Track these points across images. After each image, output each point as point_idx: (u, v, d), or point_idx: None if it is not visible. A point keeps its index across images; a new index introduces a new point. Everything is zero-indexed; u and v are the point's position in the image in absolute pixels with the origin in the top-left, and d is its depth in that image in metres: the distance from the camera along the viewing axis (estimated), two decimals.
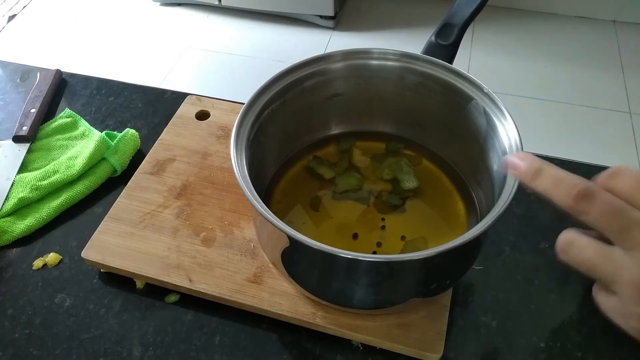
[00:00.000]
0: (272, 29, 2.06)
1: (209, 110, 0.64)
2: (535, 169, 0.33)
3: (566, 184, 0.32)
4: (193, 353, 0.46)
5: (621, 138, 1.64)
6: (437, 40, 0.49)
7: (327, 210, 0.50)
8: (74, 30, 2.11)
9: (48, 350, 0.47)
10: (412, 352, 0.45)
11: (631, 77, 1.82)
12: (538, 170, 0.33)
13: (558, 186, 0.32)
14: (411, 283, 0.42)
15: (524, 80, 1.82)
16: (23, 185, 0.57)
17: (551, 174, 0.33)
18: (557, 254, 0.33)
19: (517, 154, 0.35)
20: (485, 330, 0.47)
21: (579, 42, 1.96)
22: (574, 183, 0.32)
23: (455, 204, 0.50)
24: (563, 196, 0.32)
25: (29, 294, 0.51)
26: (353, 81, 0.51)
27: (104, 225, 0.53)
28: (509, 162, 0.35)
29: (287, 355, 0.46)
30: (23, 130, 0.63)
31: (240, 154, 0.42)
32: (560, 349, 0.46)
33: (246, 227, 0.52)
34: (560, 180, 0.32)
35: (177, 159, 0.59)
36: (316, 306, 0.47)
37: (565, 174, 0.33)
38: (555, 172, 0.33)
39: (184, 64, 1.93)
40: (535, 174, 0.33)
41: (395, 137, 0.55)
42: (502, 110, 0.43)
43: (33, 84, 0.70)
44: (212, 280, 0.48)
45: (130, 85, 0.71)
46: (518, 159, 0.34)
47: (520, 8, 2.09)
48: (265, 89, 0.47)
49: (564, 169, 0.33)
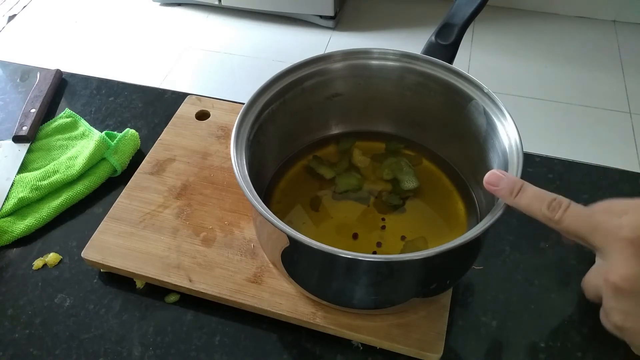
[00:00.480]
0: (272, 29, 2.06)
1: (209, 110, 0.64)
2: (517, 188, 0.37)
3: (544, 198, 0.37)
4: (193, 353, 0.46)
5: (621, 138, 1.64)
6: (437, 40, 0.49)
7: (327, 210, 0.50)
8: (74, 30, 2.11)
9: (48, 350, 0.47)
10: (412, 352, 0.45)
11: (631, 77, 1.82)
12: (519, 188, 0.37)
13: (537, 201, 0.37)
14: (411, 283, 0.42)
15: (524, 80, 1.82)
16: (23, 185, 0.57)
17: (531, 191, 0.37)
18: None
19: (494, 173, 0.39)
20: (485, 330, 0.47)
21: (579, 42, 1.96)
22: (552, 197, 0.37)
23: (455, 204, 0.50)
24: (542, 209, 0.36)
25: (29, 294, 0.51)
26: (353, 81, 0.51)
27: (104, 225, 0.53)
28: (488, 180, 0.39)
29: (287, 355, 0.46)
30: (23, 130, 0.63)
31: (240, 154, 0.42)
32: (560, 349, 0.46)
33: (246, 227, 0.52)
34: (539, 196, 0.37)
35: (177, 159, 0.59)
36: (316, 306, 0.47)
37: (543, 191, 0.37)
38: (533, 190, 0.37)
39: (184, 64, 1.93)
40: (516, 192, 0.37)
41: (395, 137, 0.55)
42: (502, 110, 0.43)
43: (33, 84, 0.70)
44: (212, 280, 0.48)
45: (130, 85, 0.71)
46: (496, 178, 0.38)
47: (520, 8, 2.09)
48: (265, 89, 0.47)
49: (564, 168, 0.34)
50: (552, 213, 0.36)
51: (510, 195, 0.37)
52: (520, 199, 0.37)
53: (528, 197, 0.37)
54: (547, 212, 0.36)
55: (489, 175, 0.38)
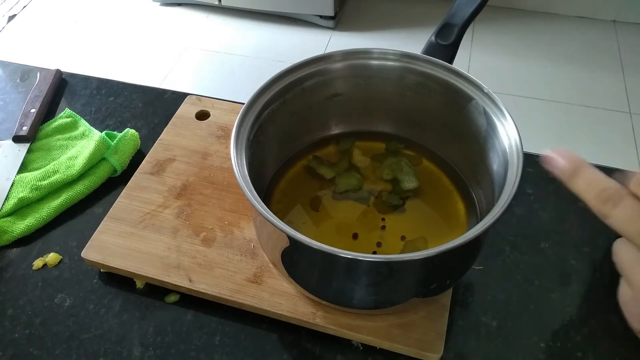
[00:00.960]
0: (272, 29, 2.06)
1: (209, 110, 0.64)
2: (574, 169, 0.33)
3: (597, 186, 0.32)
4: (193, 353, 0.46)
5: (621, 138, 1.64)
6: (437, 40, 0.49)
7: (327, 210, 0.50)
8: (74, 30, 2.11)
9: (48, 350, 0.47)
10: (412, 352, 0.45)
11: (631, 77, 1.82)
12: (576, 170, 0.33)
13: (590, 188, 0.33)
14: (411, 283, 0.42)
15: (524, 80, 1.82)
16: (23, 185, 0.57)
17: (587, 175, 0.33)
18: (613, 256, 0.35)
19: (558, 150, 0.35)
20: (485, 330, 0.47)
21: (579, 42, 1.96)
22: (604, 187, 0.32)
23: (455, 204, 0.50)
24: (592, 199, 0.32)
25: (29, 294, 0.51)
26: (353, 81, 0.51)
27: (104, 225, 0.53)
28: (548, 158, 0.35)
29: (287, 355, 0.46)
30: (23, 130, 0.63)
31: (240, 154, 0.42)
32: (560, 349, 0.46)
33: (246, 227, 0.52)
34: (592, 182, 0.33)
35: (177, 159, 0.59)
36: (316, 306, 0.47)
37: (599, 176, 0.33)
38: (590, 174, 0.33)
39: (184, 64, 1.93)
40: (573, 173, 0.33)
41: (395, 137, 0.55)
42: (502, 110, 0.43)
43: (33, 84, 0.70)
44: (212, 280, 0.48)
45: (130, 85, 0.71)
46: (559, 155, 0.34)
47: (520, 8, 2.09)
48: (265, 89, 0.47)
49: None
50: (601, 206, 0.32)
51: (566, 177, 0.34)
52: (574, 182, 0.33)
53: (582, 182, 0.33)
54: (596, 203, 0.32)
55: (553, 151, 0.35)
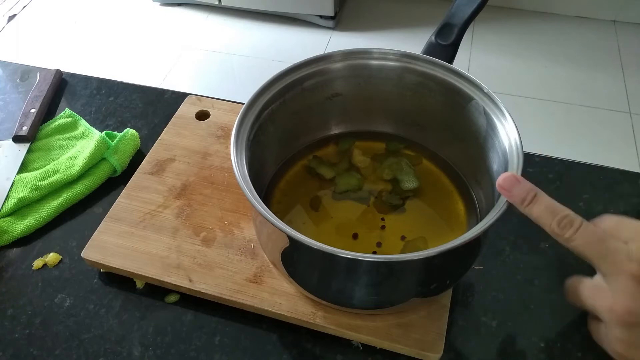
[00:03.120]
0: (272, 29, 2.06)
1: (209, 110, 0.64)
2: (530, 197, 0.36)
3: (557, 213, 0.36)
4: (193, 353, 0.46)
5: (621, 138, 1.64)
6: (437, 40, 0.49)
7: (327, 210, 0.50)
8: (74, 30, 2.11)
9: (48, 350, 0.47)
10: (412, 352, 0.45)
11: (631, 77, 1.82)
12: (533, 197, 0.36)
13: (549, 215, 0.36)
14: (411, 283, 0.42)
15: (524, 80, 1.82)
16: (23, 185, 0.57)
17: (545, 203, 0.36)
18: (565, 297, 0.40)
19: (510, 177, 0.38)
20: (485, 330, 0.47)
21: (579, 42, 1.96)
22: (564, 214, 0.36)
23: (455, 204, 0.50)
24: (552, 224, 0.36)
25: (29, 294, 0.51)
26: (353, 81, 0.51)
27: (104, 225, 0.53)
28: (502, 184, 0.37)
29: (287, 355, 0.46)
30: (23, 130, 0.63)
31: (240, 154, 0.42)
32: (560, 349, 0.46)
33: (246, 227, 0.52)
34: (551, 209, 0.36)
35: (177, 159, 0.59)
36: (316, 306, 0.47)
37: (556, 203, 0.36)
38: (548, 201, 0.36)
39: (184, 64, 1.93)
40: (528, 201, 0.36)
41: (395, 137, 0.55)
42: (502, 110, 0.43)
43: (33, 84, 0.70)
44: (212, 280, 0.48)
45: (130, 85, 0.71)
46: (512, 183, 0.37)
47: (520, 8, 2.09)
48: (265, 89, 0.47)
49: (564, 168, 0.34)
50: (562, 231, 0.35)
51: (522, 204, 0.36)
52: (531, 209, 0.36)
53: (540, 208, 0.36)
54: (556, 228, 0.35)
55: (504, 178, 0.37)
